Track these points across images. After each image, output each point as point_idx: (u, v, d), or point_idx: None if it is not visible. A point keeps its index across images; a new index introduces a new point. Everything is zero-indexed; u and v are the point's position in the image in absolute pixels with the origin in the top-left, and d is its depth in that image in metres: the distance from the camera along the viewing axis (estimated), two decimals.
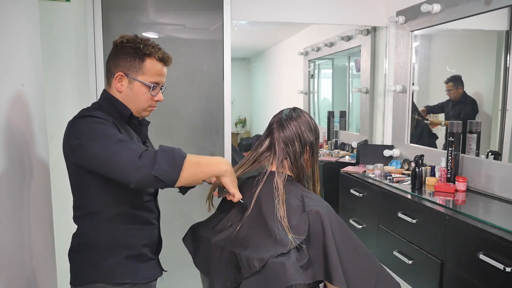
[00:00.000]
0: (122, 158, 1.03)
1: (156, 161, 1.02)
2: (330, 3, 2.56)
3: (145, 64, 1.22)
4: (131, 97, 1.24)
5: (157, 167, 1.01)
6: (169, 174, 1.03)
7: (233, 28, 2.54)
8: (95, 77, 2.18)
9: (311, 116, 1.26)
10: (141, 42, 1.22)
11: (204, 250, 1.22)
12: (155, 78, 1.24)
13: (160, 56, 1.23)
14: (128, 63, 1.21)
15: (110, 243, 1.23)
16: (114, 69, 1.23)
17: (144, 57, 1.21)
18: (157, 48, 1.24)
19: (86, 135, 1.10)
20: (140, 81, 1.22)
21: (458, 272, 1.51)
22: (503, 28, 1.88)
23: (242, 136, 6.36)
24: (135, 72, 1.21)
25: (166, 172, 1.03)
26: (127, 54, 1.21)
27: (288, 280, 0.99)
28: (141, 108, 1.26)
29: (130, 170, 1.02)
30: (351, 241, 1.13)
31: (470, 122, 2.00)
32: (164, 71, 1.27)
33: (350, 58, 3.48)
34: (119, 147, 1.05)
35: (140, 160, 1.02)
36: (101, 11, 2.17)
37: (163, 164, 1.02)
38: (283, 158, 1.21)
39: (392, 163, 2.48)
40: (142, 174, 1.02)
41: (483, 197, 1.82)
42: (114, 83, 1.23)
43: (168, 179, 1.04)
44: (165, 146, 1.07)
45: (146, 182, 1.04)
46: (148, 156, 1.03)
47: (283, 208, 1.11)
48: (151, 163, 1.02)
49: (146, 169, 1.02)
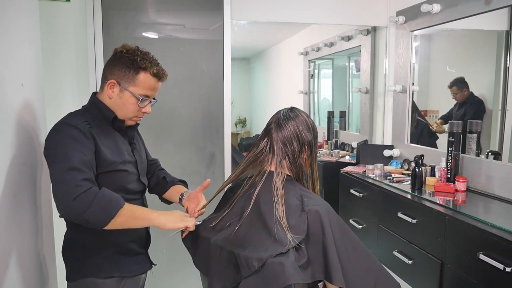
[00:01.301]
0: (61, 190, 1.08)
1: (91, 206, 1.07)
2: (330, 3, 2.56)
3: (139, 77, 1.25)
4: (119, 104, 1.27)
5: (89, 211, 1.07)
6: (98, 221, 1.09)
7: (233, 28, 2.54)
8: (95, 77, 2.18)
9: (308, 116, 1.27)
10: (140, 55, 1.25)
11: (204, 250, 1.22)
12: (145, 91, 1.26)
13: (154, 71, 1.26)
14: (122, 73, 1.24)
15: (96, 241, 1.27)
16: (109, 75, 1.26)
17: (139, 70, 1.24)
18: (154, 64, 1.27)
19: (52, 150, 1.16)
20: (130, 92, 1.25)
21: (458, 272, 1.51)
22: (503, 28, 1.88)
23: (242, 136, 6.36)
24: (127, 83, 1.25)
25: (95, 219, 1.08)
26: (123, 64, 1.24)
27: (286, 280, 0.99)
28: (127, 116, 1.30)
29: (62, 205, 1.08)
30: (351, 240, 1.13)
31: (470, 122, 2.00)
32: (157, 86, 1.30)
33: (350, 58, 3.48)
34: (65, 177, 1.09)
35: (75, 201, 1.06)
36: (101, 11, 2.17)
37: (96, 210, 1.07)
38: (281, 158, 1.21)
39: (392, 163, 2.48)
40: (71, 214, 1.08)
41: (483, 197, 1.81)
42: (106, 89, 1.27)
43: (97, 224, 1.10)
44: (106, 192, 1.11)
45: (76, 219, 1.09)
46: (84, 200, 1.07)
47: (282, 208, 1.11)
48: (85, 206, 1.06)
49: (77, 211, 1.06)
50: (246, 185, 1.23)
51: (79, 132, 1.17)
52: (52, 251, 1.61)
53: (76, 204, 1.06)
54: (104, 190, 1.11)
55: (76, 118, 1.22)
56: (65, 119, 1.23)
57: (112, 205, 1.10)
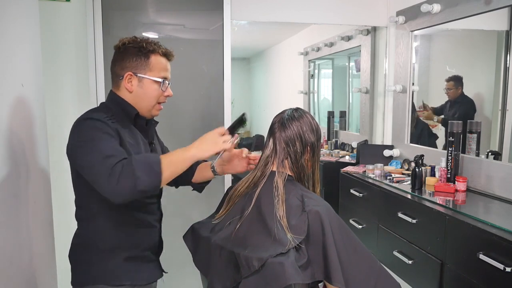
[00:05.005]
0: (102, 176, 1.04)
1: (136, 176, 1.03)
2: (330, 3, 2.56)
3: (151, 60, 1.24)
4: (141, 95, 1.25)
5: (139, 181, 1.03)
6: (153, 183, 1.06)
7: (233, 28, 2.54)
8: (95, 77, 2.18)
9: (313, 117, 1.26)
10: (143, 41, 1.24)
11: (204, 249, 1.22)
12: (161, 73, 1.26)
13: (163, 51, 1.27)
14: (134, 63, 1.23)
15: (109, 245, 1.23)
16: (122, 71, 1.24)
17: (148, 54, 1.24)
18: (159, 45, 1.27)
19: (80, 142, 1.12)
20: (149, 78, 1.24)
21: (458, 272, 1.51)
22: (503, 28, 1.88)
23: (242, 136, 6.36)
24: (142, 70, 1.24)
25: (149, 183, 1.05)
26: (131, 54, 1.23)
27: (286, 280, 1.00)
28: (151, 105, 1.28)
29: (112, 194, 1.04)
30: (351, 241, 1.13)
31: (470, 122, 2.00)
32: (168, 67, 1.30)
33: (350, 58, 3.48)
34: (101, 168, 1.05)
35: (119, 184, 1.03)
36: (101, 11, 2.17)
37: (144, 176, 1.04)
38: (283, 158, 1.21)
39: (392, 163, 2.48)
40: (126, 196, 1.04)
41: (483, 197, 1.81)
42: (123, 84, 1.25)
43: (152, 188, 1.07)
44: (137, 157, 1.08)
45: (132, 197, 1.06)
46: (126, 177, 1.03)
47: (283, 207, 1.11)
48: (131, 180, 1.03)
49: (129, 188, 1.03)
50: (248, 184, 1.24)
51: (104, 124, 1.14)
52: (52, 251, 1.61)
53: (122, 185, 1.03)
54: (134, 157, 1.07)
55: (98, 113, 1.19)
56: (87, 114, 1.20)
57: (152, 163, 1.07)
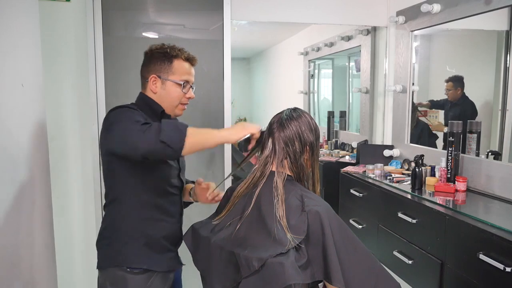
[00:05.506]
0: (132, 131, 1.14)
1: (161, 129, 1.12)
2: (330, 3, 2.56)
3: (174, 65, 1.36)
4: (164, 96, 1.37)
5: (163, 133, 1.11)
6: (175, 140, 1.12)
7: (233, 28, 2.54)
8: (95, 77, 2.18)
9: (311, 117, 1.27)
10: (168, 47, 1.37)
11: (204, 249, 1.22)
12: (184, 77, 1.38)
13: (186, 56, 1.38)
14: (158, 66, 1.36)
15: (131, 228, 1.32)
16: (147, 74, 1.38)
17: (172, 58, 1.36)
18: (183, 50, 1.39)
19: (112, 121, 1.23)
20: (171, 80, 1.36)
21: (458, 272, 1.51)
22: (503, 28, 1.88)
23: None
24: (166, 73, 1.36)
25: (171, 138, 1.12)
26: (157, 59, 1.36)
27: (286, 280, 1.00)
28: (174, 105, 1.39)
29: (139, 140, 1.12)
30: (351, 241, 1.13)
31: (470, 122, 2.00)
32: (191, 71, 1.41)
33: (350, 58, 3.48)
34: (133, 125, 1.16)
35: (148, 131, 1.12)
36: (101, 11, 2.17)
37: (168, 131, 1.12)
38: (283, 158, 1.21)
39: (392, 163, 2.48)
40: (149, 142, 1.11)
41: (483, 197, 1.81)
42: (149, 86, 1.38)
43: (174, 145, 1.12)
44: (168, 120, 1.19)
45: (154, 149, 1.12)
46: (154, 127, 1.13)
47: (282, 207, 1.11)
48: (157, 131, 1.12)
49: (154, 137, 1.11)
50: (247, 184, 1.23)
51: (134, 110, 1.27)
52: (52, 251, 1.61)
53: (148, 135, 1.11)
54: (164, 120, 1.18)
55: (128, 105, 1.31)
56: (119, 105, 1.31)
57: (179, 125, 1.16)
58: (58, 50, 2.16)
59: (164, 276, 1.37)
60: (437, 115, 2.42)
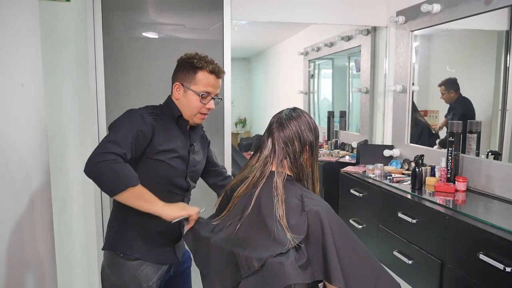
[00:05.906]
0: (94, 152, 1.20)
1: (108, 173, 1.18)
2: (330, 3, 2.56)
3: (197, 76, 1.42)
4: (185, 103, 1.44)
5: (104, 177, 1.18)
6: (110, 189, 1.20)
7: (233, 28, 2.54)
8: (95, 77, 2.18)
9: (311, 116, 1.27)
10: (197, 58, 1.42)
11: (204, 249, 1.22)
12: (205, 88, 1.43)
13: (210, 69, 1.42)
14: (184, 75, 1.43)
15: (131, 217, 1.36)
16: (174, 80, 1.46)
17: (196, 69, 1.41)
18: (210, 63, 1.43)
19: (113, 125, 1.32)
20: (192, 90, 1.42)
21: (458, 272, 1.51)
22: (503, 28, 1.88)
23: (242, 136, 6.36)
24: (188, 83, 1.42)
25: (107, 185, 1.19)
26: (184, 67, 1.43)
27: (286, 280, 1.00)
28: (193, 114, 1.45)
29: (88, 163, 1.18)
30: (351, 241, 1.13)
31: (470, 122, 2.00)
32: (216, 83, 1.45)
33: (350, 58, 3.48)
34: (105, 145, 1.21)
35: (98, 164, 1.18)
36: (101, 11, 2.16)
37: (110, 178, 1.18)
38: (282, 158, 1.21)
39: (392, 163, 2.48)
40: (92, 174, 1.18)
41: (483, 197, 1.81)
42: (173, 91, 1.45)
43: (106, 191, 1.21)
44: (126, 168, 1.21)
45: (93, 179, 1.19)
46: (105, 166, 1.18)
47: (282, 207, 1.11)
48: (103, 171, 1.18)
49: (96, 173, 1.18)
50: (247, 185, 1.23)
51: (140, 118, 1.33)
52: (52, 251, 1.61)
53: (98, 167, 1.18)
54: (126, 166, 1.22)
55: (146, 109, 1.40)
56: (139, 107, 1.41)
57: (125, 179, 1.20)
58: (58, 50, 2.16)
59: (156, 266, 1.42)
60: (437, 115, 2.42)
